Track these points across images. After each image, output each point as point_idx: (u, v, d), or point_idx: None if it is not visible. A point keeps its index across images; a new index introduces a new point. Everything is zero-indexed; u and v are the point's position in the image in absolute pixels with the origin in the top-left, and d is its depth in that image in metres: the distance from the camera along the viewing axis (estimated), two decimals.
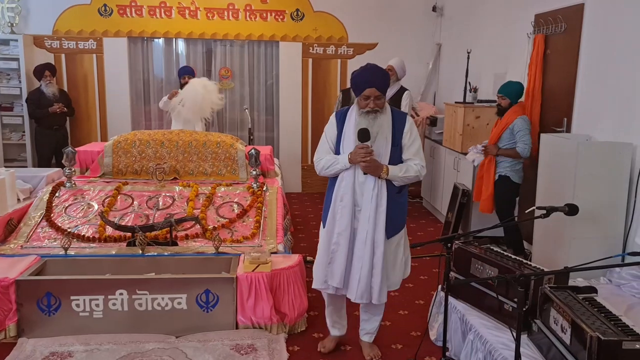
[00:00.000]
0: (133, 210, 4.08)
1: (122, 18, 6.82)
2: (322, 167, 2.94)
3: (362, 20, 7.21)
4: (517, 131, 4.28)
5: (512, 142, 4.34)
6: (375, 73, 2.78)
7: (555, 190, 3.59)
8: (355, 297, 2.86)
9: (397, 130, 2.82)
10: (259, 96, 7.46)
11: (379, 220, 2.78)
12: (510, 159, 4.37)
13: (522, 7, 4.95)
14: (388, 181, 2.79)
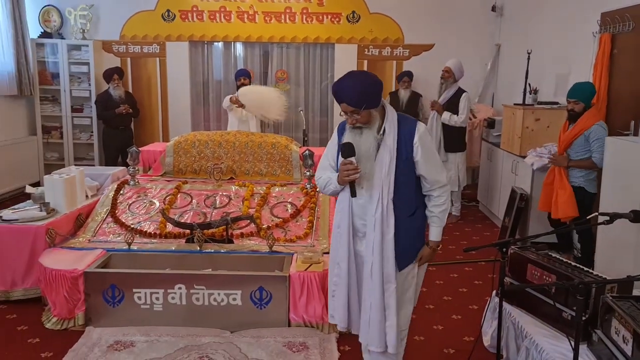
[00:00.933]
0: (192, 208, 4.23)
1: (184, 23, 7.09)
2: (320, 187, 2.57)
3: (419, 21, 7.15)
4: (593, 139, 3.92)
5: (585, 149, 4.01)
6: (345, 87, 2.28)
7: (621, 196, 3.43)
8: (366, 342, 2.48)
9: (403, 143, 2.34)
10: (314, 98, 7.54)
11: (387, 250, 2.35)
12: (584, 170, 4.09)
13: (587, 6, 4.76)
14: (397, 202, 2.35)
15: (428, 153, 2.38)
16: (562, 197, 4.10)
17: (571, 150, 4.12)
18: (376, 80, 2.34)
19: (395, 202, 2.36)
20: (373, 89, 2.30)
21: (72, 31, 6.99)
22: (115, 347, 3.09)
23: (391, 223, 2.35)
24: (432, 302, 3.89)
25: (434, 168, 2.41)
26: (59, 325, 3.33)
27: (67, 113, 7.06)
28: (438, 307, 3.80)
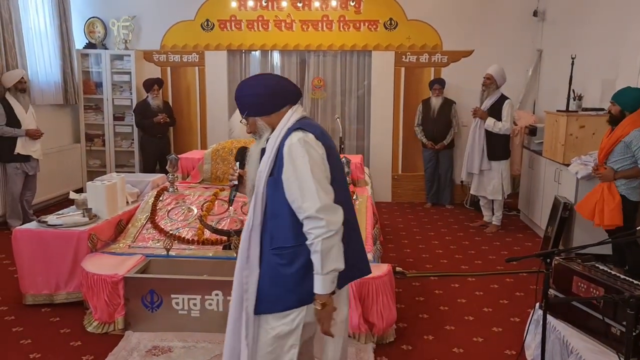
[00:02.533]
0: (229, 215, 4.26)
1: (222, 32, 7.20)
2: None
3: (457, 27, 7.05)
4: (635, 147, 3.79)
5: (626, 157, 3.87)
6: (237, 90, 2.07)
7: None
8: None
9: (279, 157, 1.93)
10: (350, 105, 7.52)
11: (238, 284, 2.04)
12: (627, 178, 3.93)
13: (633, 9, 4.59)
14: (267, 232, 1.95)
15: (295, 170, 1.86)
16: (609, 205, 3.94)
17: (611, 158, 3.97)
18: (266, 85, 2.03)
19: (265, 231, 1.96)
20: (254, 97, 2.01)
21: (115, 41, 7.20)
22: (154, 352, 3.13)
23: (253, 254, 1.98)
24: (471, 313, 3.79)
25: (299, 190, 1.85)
26: (100, 329, 3.40)
27: (109, 121, 7.27)
28: (478, 319, 3.71)
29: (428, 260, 4.96)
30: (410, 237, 5.71)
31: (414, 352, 3.24)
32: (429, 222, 6.31)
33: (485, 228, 5.98)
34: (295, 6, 7.01)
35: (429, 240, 5.58)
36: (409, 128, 7.27)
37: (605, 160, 4.04)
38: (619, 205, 3.92)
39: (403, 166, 7.40)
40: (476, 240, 5.61)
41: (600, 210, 4.02)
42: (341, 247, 1.86)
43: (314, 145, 1.91)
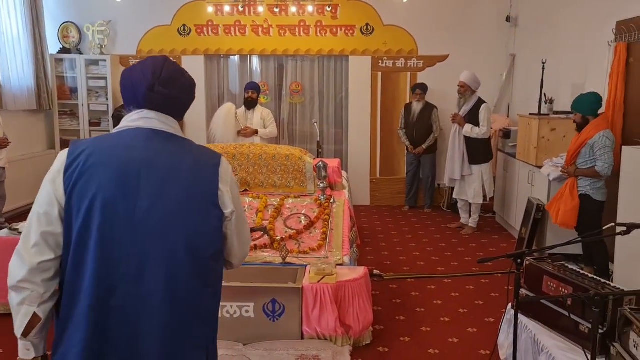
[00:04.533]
0: None
1: (199, 37, 7.18)
2: None
3: (433, 33, 7.15)
4: (597, 148, 3.98)
5: (591, 158, 4.05)
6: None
7: (639, 206, 3.37)
8: None
9: None
10: (329, 110, 7.56)
11: None
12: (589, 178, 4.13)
13: (602, 15, 4.72)
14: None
15: None
16: (566, 206, 4.16)
17: (579, 160, 4.16)
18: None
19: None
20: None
21: (90, 47, 7.12)
22: None
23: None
24: (447, 314, 3.84)
25: None
26: None
27: (85, 127, 7.18)
28: (453, 320, 3.76)
29: (405, 263, 5.00)
30: (388, 240, 5.75)
31: (391, 353, 3.28)
32: (406, 225, 6.37)
33: (462, 230, 6.06)
34: (272, 11, 7.03)
35: (407, 243, 5.63)
36: (386, 132, 7.34)
37: (574, 162, 4.20)
38: (576, 208, 4.12)
39: (381, 170, 7.46)
40: (453, 242, 5.69)
41: (559, 209, 4.23)
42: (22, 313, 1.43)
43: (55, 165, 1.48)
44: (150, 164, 1.46)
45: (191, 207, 1.47)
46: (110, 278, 1.41)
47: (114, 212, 1.41)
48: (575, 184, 4.18)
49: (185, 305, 1.46)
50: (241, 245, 1.62)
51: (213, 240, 1.51)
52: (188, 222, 1.46)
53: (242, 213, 1.60)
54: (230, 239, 1.57)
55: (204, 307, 1.51)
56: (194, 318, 1.48)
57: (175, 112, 1.57)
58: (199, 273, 1.47)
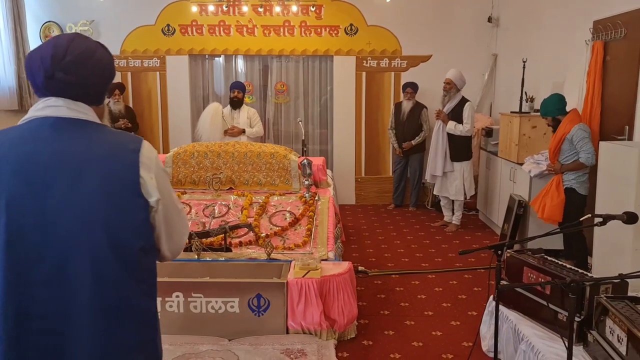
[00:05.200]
0: (191, 218, 4.25)
1: (183, 37, 7.17)
2: None
3: (416, 33, 7.22)
4: (577, 141, 4.10)
5: (573, 152, 4.17)
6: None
7: (616, 199, 3.45)
8: None
9: None
10: (314, 109, 7.60)
11: None
12: (575, 171, 4.22)
13: (579, 14, 4.82)
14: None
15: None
16: (552, 201, 4.25)
17: (561, 155, 4.27)
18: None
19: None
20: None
21: None
22: None
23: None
24: (431, 308, 3.89)
25: None
26: None
27: None
28: (437, 314, 3.80)
29: (390, 259, 5.05)
30: (373, 237, 5.80)
31: (375, 347, 3.31)
32: (391, 223, 6.42)
33: (446, 227, 6.12)
34: (257, 11, 7.05)
35: (391, 240, 5.68)
36: (371, 131, 7.40)
37: (556, 159, 4.30)
38: (562, 203, 4.21)
39: (366, 169, 7.51)
40: (437, 239, 5.75)
41: (544, 204, 4.31)
42: None
43: None
44: (59, 157, 1.32)
45: (110, 199, 1.33)
46: (24, 283, 1.29)
47: (21, 211, 1.29)
48: (561, 179, 4.26)
49: (116, 306, 1.33)
50: (172, 237, 1.47)
51: (141, 233, 1.37)
52: (108, 215, 1.32)
53: (172, 202, 1.46)
54: (159, 229, 1.42)
55: (137, 306, 1.38)
56: (127, 319, 1.36)
57: (86, 97, 1.40)
58: (129, 269, 1.35)
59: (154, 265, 1.45)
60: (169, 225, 1.45)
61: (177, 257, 1.58)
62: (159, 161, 1.43)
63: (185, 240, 1.57)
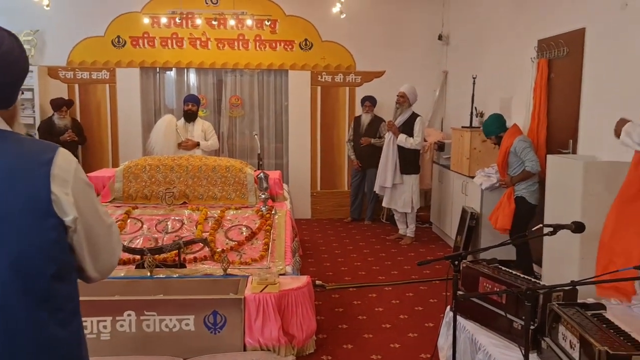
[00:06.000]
0: (142, 234, 4.11)
1: (134, 49, 7.01)
2: None
3: (370, 49, 7.34)
4: (520, 152, 4.34)
5: (519, 163, 4.40)
6: None
7: (563, 210, 3.58)
8: None
9: None
10: (269, 124, 7.57)
11: None
12: (525, 181, 4.40)
13: (525, 33, 5.03)
14: None
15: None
16: (504, 210, 4.44)
17: (510, 168, 4.47)
18: None
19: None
20: None
21: None
22: None
23: None
24: (388, 321, 3.90)
25: None
26: None
27: None
28: (395, 326, 3.81)
29: (347, 273, 5.05)
30: (330, 251, 5.79)
31: None
32: (347, 237, 6.44)
33: (401, 240, 6.19)
34: (210, 24, 6.99)
35: (348, 254, 5.68)
36: (327, 146, 7.43)
37: (506, 172, 4.50)
38: (512, 212, 4.39)
39: (322, 183, 7.52)
40: (392, 252, 5.80)
41: (497, 215, 4.51)
42: None
43: None
44: None
45: (14, 219, 1.15)
46: None
47: None
48: (513, 190, 4.47)
49: (25, 341, 1.17)
50: (98, 257, 1.31)
51: (52, 256, 1.19)
52: (11, 238, 1.15)
53: (96, 219, 1.29)
54: (80, 252, 1.26)
55: (54, 337, 1.21)
56: (41, 353, 1.20)
57: None
58: (40, 298, 1.18)
59: (73, 289, 1.29)
60: (94, 245, 1.29)
61: (109, 275, 1.44)
62: (79, 172, 1.25)
63: (118, 258, 1.43)
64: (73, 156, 1.28)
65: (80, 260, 1.28)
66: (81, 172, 1.27)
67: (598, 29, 3.92)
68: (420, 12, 7.34)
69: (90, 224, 1.26)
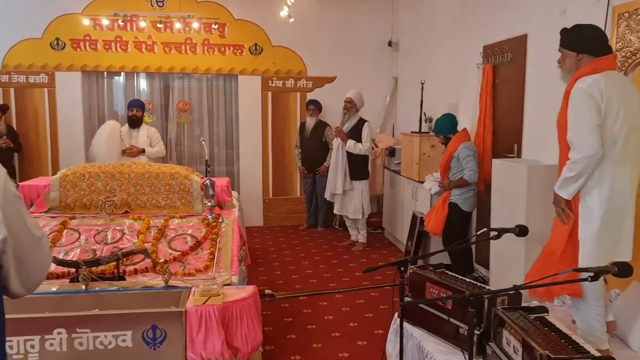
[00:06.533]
0: (79, 245, 3.89)
1: (75, 52, 6.71)
2: None
3: (321, 55, 7.30)
4: (462, 159, 4.38)
5: (460, 169, 4.44)
6: None
7: (509, 214, 3.61)
8: None
9: None
10: (219, 130, 7.40)
11: None
12: (461, 188, 4.44)
13: (471, 39, 5.10)
14: None
15: None
16: (437, 215, 4.51)
17: (450, 172, 4.51)
18: None
19: None
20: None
21: None
22: None
23: None
24: (338, 329, 3.82)
25: None
26: None
27: None
28: (344, 334, 3.75)
29: (298, 281, 4.95)
30: (281, 259, 5.68)
31: None
32: (299, 244, 6.34)
33: (353, 247, 6.15)
34: (156, 27, 6.77)
35: (299, 262, 5.59)
36: (278, 152, 7.33)
37: (446, 176, 4.53)
38: (444, 217, 4.46)
39: (274, 190, 7.41)
40: (344, 258, 5.74)
41: (430, 217, 4.58)
42: None
43: None
44: None
45: None
46: None
47: None
48: (449, 194, 4.49)
49: None
50: (28, 275, 1.26)
51: None
52: None
53: (26, 236, 1.23)
54: (7, 270, 1.21)
55: None
56: None
57: None
58: None
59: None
60: (22, 262, 1.22)
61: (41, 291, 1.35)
62: (8, 184, 1.16)
63: (47, 272, 1.34)
64: (1, 166, 1.18)
65: (5, 278, 1.22)
66: (10, 184, 1.17)
67: (539, 35, 4.00)
68: (370, 18, 7.37)
69: (20, 241, 1.20)
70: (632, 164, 2.55)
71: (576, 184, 2.53)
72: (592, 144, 2.44)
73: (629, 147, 2.51)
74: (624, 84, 2.62)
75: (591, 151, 2.44)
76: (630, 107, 2.53)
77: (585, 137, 2.46)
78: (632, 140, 2.51)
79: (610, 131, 2.48)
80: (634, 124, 2.52)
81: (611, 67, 2.58)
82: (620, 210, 2.53)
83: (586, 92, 2.46)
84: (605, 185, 2.50)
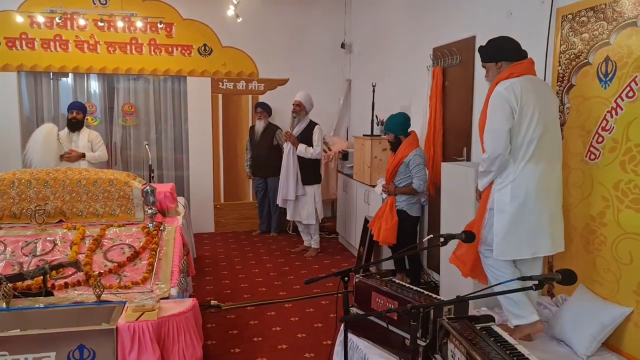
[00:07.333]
0: (4, 258, 3.59)
1: (10, 51, 6.32)
2: None
3: (273, 56, 7.15)
4: (412, 166, 4.28)
5: (407, 176, 4.34)
6: None
7: (458, 217, 3.55)
8: None
9: None
10: (167, 133, 7.12)
11: None
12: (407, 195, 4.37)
13: (421, 41, 5.06)
14: None
15: None
16: (387, 224, 4.35)
17: (397, 177, 4.40)
18: None
19: None
20: None
21: None
22: None
23: None
24: (285, 341, 3.67)
25: None
26: None
27: None
28: (291, 346, 3.59)
29: (246, 290, 4.77)
30: (231, 267, 5.48)
31: None
32: (251, 251, 6.16)
33: (306, 252, 6.01)
34: (98, 26, 6.46)
35: (250, 269, 5.41)
36: (230, 156, 7.12)
37: (392, 180, 4.43)
38: (395, 226, 4.33)
39: (226, 195, 7.19)
40: (296, 265, 5.59)
41: (379, 227, 4.41)
42: None
43: None
44: None
45: None
46: None
47: None
48: (394, 201, 4.37)
49: None
50: None
51: None
52: None
53: None
54: None
55: None
56: None
57: None
58: None
59: None
60: None
61: None
62: None
63: None
64: None
65: None
66: None
67: (487, 36, 3.95)
68: (323, 19, 7.27)
69: None
70: (547, 163, 2.70)
71: (487, 178, 2.82)
72: (497, 147, 2.67)
73: (543, 148, 2.68)
74: (541, 87, 2.78)
75: (495, 154, 2.68)
76: (545, 109, 2.70)
77: (494, 139, 2.69)
78: (546, 140, 2.68)
79: (525, 132, 2.66)
80: (549, 126, 2.70)
81: (529, 70, 2.79)
82: (531, 206, 2.67)
83: (502, 96, 2.66)
84: (517, 182, 2.69)
